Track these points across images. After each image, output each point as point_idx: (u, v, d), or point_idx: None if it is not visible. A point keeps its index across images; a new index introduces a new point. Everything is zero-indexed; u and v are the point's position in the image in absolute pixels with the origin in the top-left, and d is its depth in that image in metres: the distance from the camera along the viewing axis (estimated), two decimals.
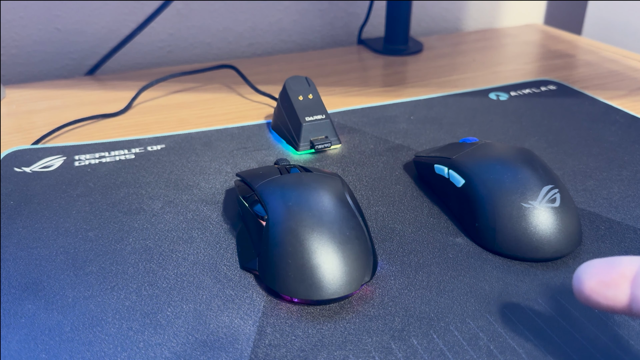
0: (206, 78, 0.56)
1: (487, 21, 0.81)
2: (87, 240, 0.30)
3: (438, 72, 0.59)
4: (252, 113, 0.49)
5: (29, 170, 0.38)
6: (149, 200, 0.34)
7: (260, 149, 0.41)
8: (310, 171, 0.30)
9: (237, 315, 0.25)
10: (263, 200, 0.28)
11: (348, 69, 0.60)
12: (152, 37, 0.64)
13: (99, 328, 0.24)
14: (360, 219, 0.27)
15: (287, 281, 0.25)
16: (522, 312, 0.25)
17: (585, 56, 0.64)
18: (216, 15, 0.65)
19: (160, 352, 0.23)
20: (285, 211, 0.26)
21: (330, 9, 0.70)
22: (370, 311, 0.25)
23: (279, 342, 0.23)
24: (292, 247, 0.25)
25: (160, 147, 0.41)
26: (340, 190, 0.28)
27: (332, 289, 0.24)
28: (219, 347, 0.23)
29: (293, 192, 0.27)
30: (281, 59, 0.64)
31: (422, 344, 0.23)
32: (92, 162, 0.39)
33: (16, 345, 0.23)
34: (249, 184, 0.30)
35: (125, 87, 0.54)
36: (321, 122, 0.41)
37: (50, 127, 0.45)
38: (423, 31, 0.77)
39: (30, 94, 0.53)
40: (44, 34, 0.60)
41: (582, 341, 0.23)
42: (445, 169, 0.32)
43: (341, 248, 0.25)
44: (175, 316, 0.25)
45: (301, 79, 0.42)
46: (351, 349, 0.23)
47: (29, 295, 0.26)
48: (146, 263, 0.28)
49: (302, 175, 0.29)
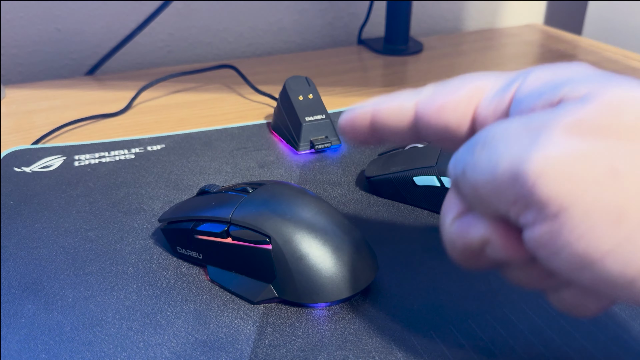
0: (206, 78, 0.56)
1: (488, 21, 0.81)
2: (87, 240, 0.30)
3: (438, 72, 0.59)
4: (252, 113, 0.49)
5: (28, 170, 0.38)
6: (149, 200, 0.34)
7: (260, 149, 0.41)
8: (262, 184, 0.28)
9: (237, 315, 0.25)
10: (252, 225, 0.25)
11: (348, 69, 0.60)
12: (152, 37, 0.64)
13: (99, 328, 0.24)
14: None
15: (323, 288, 0.24)
16: (523, 312, 0.25)
17: (586, 56, 0.64)
18: (216, 15, 0.65)
19: (160, 352, 0.23)
20: (287, 224, 0.25)
21: (331, 8, 0.70)
22: (371, 311, 0.25)
23: (279, 342, 0.23)
24: (319, 254, 0.24)
25: (160, 147, 0.41)
26: (314, 195, 0.28)
27: (356, 285, 0.25)
28: (219, 347, 0.23)
29: (278, 206, 0.26)
30: (281, 59, 0.64)
31: (423, 344, 0.23)
32: (92, 162, 0.39)
33: (16, 346, 0.23)
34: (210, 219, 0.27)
35: (125, 87, 0.54)
36: (321, 122, 0.41)
37: (50, 127, 0.45)
38: (423, 31, 0.77)
39: (30, 94, 0.53)
40: (44, 33, 0.59)
41: (583, 342, 0.23)
42: (433, 178, 0.31)
43: (350, 248, 0.25)
44: (175, 316, 0.25)
45: (301, 79, 0.42)
46: (351, 349, 0.23)
47: (29, 295, 0.26)
48: (146, 263, 0.28)
49: (267, 188, 0.27)
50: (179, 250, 0.28)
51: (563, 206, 0.14)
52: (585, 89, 0.16)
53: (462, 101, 0.19)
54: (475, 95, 0.19)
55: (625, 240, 0.14)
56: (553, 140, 0.15)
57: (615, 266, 0.14)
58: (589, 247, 0.14)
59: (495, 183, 0.16)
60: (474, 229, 0.18)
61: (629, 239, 0.14)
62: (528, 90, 0.17)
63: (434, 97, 0.20)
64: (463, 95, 0.19)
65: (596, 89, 0.15)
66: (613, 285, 0.15)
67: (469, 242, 0.18)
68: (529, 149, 0.15)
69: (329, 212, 0.26)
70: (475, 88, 0.19)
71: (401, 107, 0.21)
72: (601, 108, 0.15)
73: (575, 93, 0.16)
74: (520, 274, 0.19)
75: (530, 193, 0.15)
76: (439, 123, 0.20)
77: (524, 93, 0.18)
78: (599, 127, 0.15)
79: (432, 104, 0.20)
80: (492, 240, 0.17)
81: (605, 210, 0.14)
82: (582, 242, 0.14)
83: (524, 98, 0.17)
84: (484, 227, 0.17)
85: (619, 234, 0.14)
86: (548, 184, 0.14)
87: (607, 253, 0.14)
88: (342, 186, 0.36)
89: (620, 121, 0.15)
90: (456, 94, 0.19)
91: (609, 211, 0.14)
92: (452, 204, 0.19)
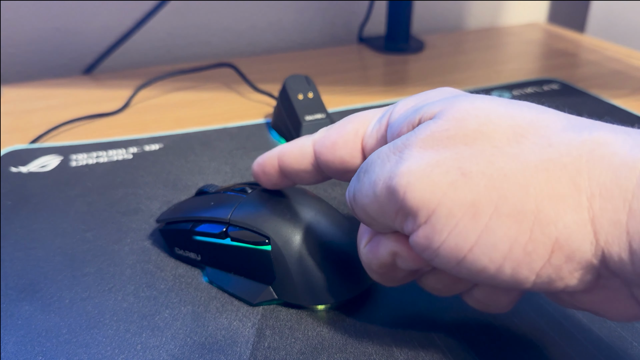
0: (205, 77, 0.56)
1: (489, 20, 0.81)
2: (84, 241, 0.30)
3: (439, 71, 0.58)
4: (251, 112, 0.48)
5: (25, 170, 0.37)
6: (147, 201, 0.34)
7: (259, 148, 0.41)
8: (257, 185, 0.27)
9: (236, 318, 0.24)
10: (251, 226, 0.25)
11: (348, 68, 0.60)
12: (151, 36, 0.63)
13: (96, 330, 0.24)
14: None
15: (322, 290, 0.24)
16: (523, 313, 0.24)
17: (589, 55, 0.64)
18: (215, 13, 0.65)
19: (158, 354, 0.23)
20: (287, 225, 0.25)
21: (331, 7, 0.70)
22: (371, 313, 0.25)
23: (279, 345, 0.23)
24: (319, 255, 0.24)
25: (158, 146, 0.41)
26: (314, 195, 0.27)
27: (356, 287, 0.25)
28: (217, 349, 0.23)
29: (278, 206, 0.25)
30: (281, 57, 0.64)
31: (424, 346, 0.23)
32: (89, 161, 0.39)
33: (13, 347, 0.23)
34: (209, 220, 0.26)
35: (123, 86, 0.54)
36: (321, 121, 0.40)
37: (47, 126, 0.45)
38: (424, 29, 0.77)
39: (27, 93, 0.53)
40: (42, 32, 0.59)
41: (584, 343, 0.23)
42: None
43: (350, 249, 0.25)
44: (173, 318, 0.24)
45: (301, 77, 0.42)
46: (351, 352, 0.23)
47: (26, 296, 0.26)
48: (144, 264, 0.28)
49: (266, 189, 0.26)
50: (177, 252, 0.28)
51: (430, 210, 0.17)
52: (437, 108, 0.18)
53: (349, 135, 0.22)
54: (360, 128, 0.22)
55: (485, 231, 0.16)
56: (412, 155, 0.17)
57: (483, 256, 0.16)
58: (457, 243, 0.16)
59: (377, 201, 0.18)
60: (382, 247, 0.20)
61: (487, 229, 0.16)
62: (396, 117, 0.20)
63: (327, 136, 0.22)
64: (350, 130, 0.22)
65: (445, 106, 0.18)
66: (487, 274, 0.16)
67: (381, 259, 0.20)
68: (395, 167, 0.17)
69: (329, 212, 0.26)
70: (359, 122, 0.22)
71: (301, 150, 0.23)
72: (448, 121, 0.17)
73: (429, 113, 0.18)
74: (434, 282, 0.21)
75: (403, 203, 0.17)
76: (335, 159, 0.22)
77: (393, 119, 0.20)
78: (447, 138, 0.17)
79: (326, 142, 0.22)
80: (399, 252, 0.19)
81: (463, 207, 0.16)
82: (451, 240, 0.16)
83: (393, 123, 0.20)
84: (389, 243, 0.20)
85: (478, 226, 0.16)
86: (414, 192, 0.17)
87: (473, 246, 0.16)
88: (342, 186, 0.36)
89: (463, 129, 0.17)
90: (344, 130, 0.22)
91: (466, 208, 0.16)
92: (362, 232, 0.21)
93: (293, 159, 0.23)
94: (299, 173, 0.24)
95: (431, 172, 0.17)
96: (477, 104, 0.18)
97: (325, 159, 0.22)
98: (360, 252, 0.21)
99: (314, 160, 0.23)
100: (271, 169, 0.24)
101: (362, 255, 0.21)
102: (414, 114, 0.19)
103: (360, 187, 0.19)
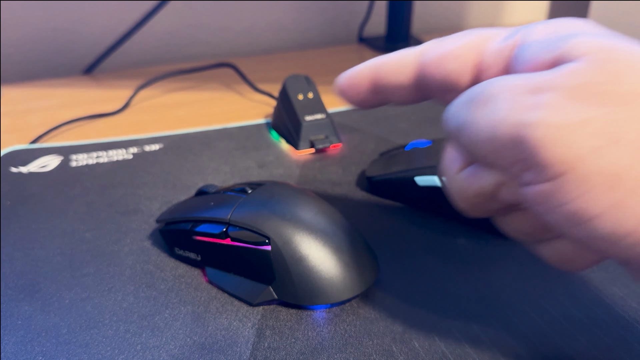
0: (205, 77, 0.56)
1: (489, 20, 0.81)
2: (84, 241, 0.30)
3: None
4: (251, 112, 0.48)
5: (25, 171, 0.37)
6: (147, 201, 0.34)
7: (259, 148, 0.40)
8: (261, 184, 0.27)
9: (236, 318, 0.24)
10: (251, 226, 0.25)
11: (348, 68, 0.60)
12: (150, 36, 0.63)
13: (96, 330, 0.24)
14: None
15: (323, 290, 0.24)
16: (524, 313, 0.24)
17: None
18: (215, 13, 0.65)
19: (158, 354, 0.23)
20: (287, 225, 0.24)
21: (331, 6, 0.70)
22: (371, 313, 0.25)
23: (279, 345, 0.23)
24: (319, 255, 0.24)
25: (157, 146, 0.41)
26: (314, 195, 0.27)
27: (357, 287, 0.24)
28: (217, 349, 0.23)
29: (278, 206, 0.25)
30: (281, 57, 0.64)
31: (424, 346, 0.23)
32: (89, 162, 0.39)
33: (12, 348, 0.23)
34: (209, 220, 0.26)
35: (123, 86, 0.54)
36: (321, 121, 0.40)
37: (46, 126, 0.45)
38: (424, 29, 0.77)
39: (27, 93, 0.53)
40: (41, 32, 0.59)
41: (585, 343, 0.23)
42: (435, 179, 0.31)
43: (350, 250, 0.25)
44: (173, 318, 0.24)
45: (301, 77, 0.42)
46: (352, 352, 0.23)
47: (26, 296, 0.26)
48: (144, 264, 0.28)
49: (266, 189, 0.27)
50: (177, 252, 0.28)
51: (562, 170, 0.15)
52: (587, 49, 0.15)
53: (464, 48, 0.19)
54: (478, 43, 0.19)
55: (618, 203, 0.14)
56: (556, 105, 0.15)
57: (607, 225, 0.15)
58: (583, 208, 0.15)
59: (495, 144, 0.16)
60: (486, 175, 0.18)
61: (621, 203, 0.14)
62: (532, 41, 0.17)
63: (437, 45, 0.19)
64: (466, 42, 0.19)
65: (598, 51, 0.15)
66: (603, 241, 0.15)
67: (481, 189, 0.18)
68: (531, 113, 0.15)
69: (329, 212, 0.26)
70: (479, 37, 0.19)
71: (403, 60, 0.20)
72: (603, 73, 0.15)
73: (577, 52, 0.16)
74: (523, 223, 0.19)
75: (532, 157, 0.15)
76: (440, 73, 0.19)
77: (527, 43, 0.17)
78: (602, 93, 0.15)
79: (434, 53, 0.19)
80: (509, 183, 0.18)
81: (603, 176, 0.14)
82: (577, 203, 0.15)
83: (526, 48, 0.17)
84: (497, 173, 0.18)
85: (612, 198, 0.14)
86: (550, 150, 0.15)
87: (600, 214, 0.15)
88: (342, 186, 0.36)
89: (621, 86, 0.15)
90: (459, 42, 0.19)
91: (606, 177, 0.14)
92: (454, 157, 0.19)
93: (391, 70, 0.21)
94: (394, 88, 0.21)
95: (576, 131, 0.14)
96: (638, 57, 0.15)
97: (431, 71, 0.19)
98: (451, 179, 0.19)
99: (415, 74, 0.20)
100: (363, 81, 0.22)
101: (454, 182, 0.19)
102: (556, 44, 0.16)
103: (474, 121, 0.16)
